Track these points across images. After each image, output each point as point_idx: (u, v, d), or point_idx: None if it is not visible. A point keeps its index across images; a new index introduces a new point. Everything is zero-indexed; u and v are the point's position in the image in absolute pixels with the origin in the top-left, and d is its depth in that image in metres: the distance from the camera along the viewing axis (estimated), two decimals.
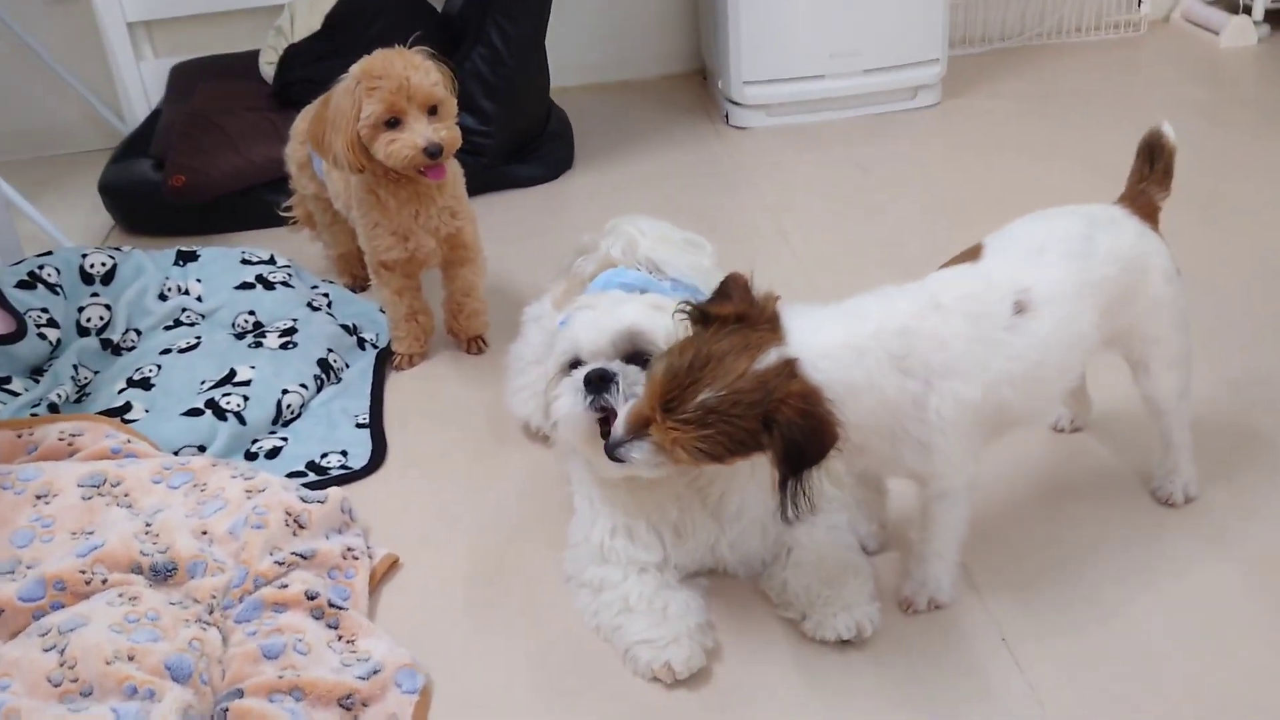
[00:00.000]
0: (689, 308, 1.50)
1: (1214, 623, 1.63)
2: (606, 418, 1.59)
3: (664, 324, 1.61)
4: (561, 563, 1.82)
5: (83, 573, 1.71)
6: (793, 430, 1.37)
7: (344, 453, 2.16)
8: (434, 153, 2.12)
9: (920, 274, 1.58)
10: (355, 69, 2.16)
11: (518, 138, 3.26)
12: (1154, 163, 1.75)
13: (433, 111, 2.16)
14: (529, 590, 1.82)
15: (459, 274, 2.43)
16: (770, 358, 1.40)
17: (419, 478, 2.12)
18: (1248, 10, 3.90)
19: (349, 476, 2.10)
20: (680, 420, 1.40)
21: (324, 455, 2.15)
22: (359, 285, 2.78)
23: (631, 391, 1.58)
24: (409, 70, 2.12)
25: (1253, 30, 3.87)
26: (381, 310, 2.60)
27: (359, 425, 2.25)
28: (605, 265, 2.10)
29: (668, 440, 1.43)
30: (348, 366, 2.44)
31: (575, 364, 1.65)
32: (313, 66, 3.38)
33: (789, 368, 1.40)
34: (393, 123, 2.13)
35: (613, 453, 1.49)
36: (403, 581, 1.87)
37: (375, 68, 2.13)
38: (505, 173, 3.24)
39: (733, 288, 1.49)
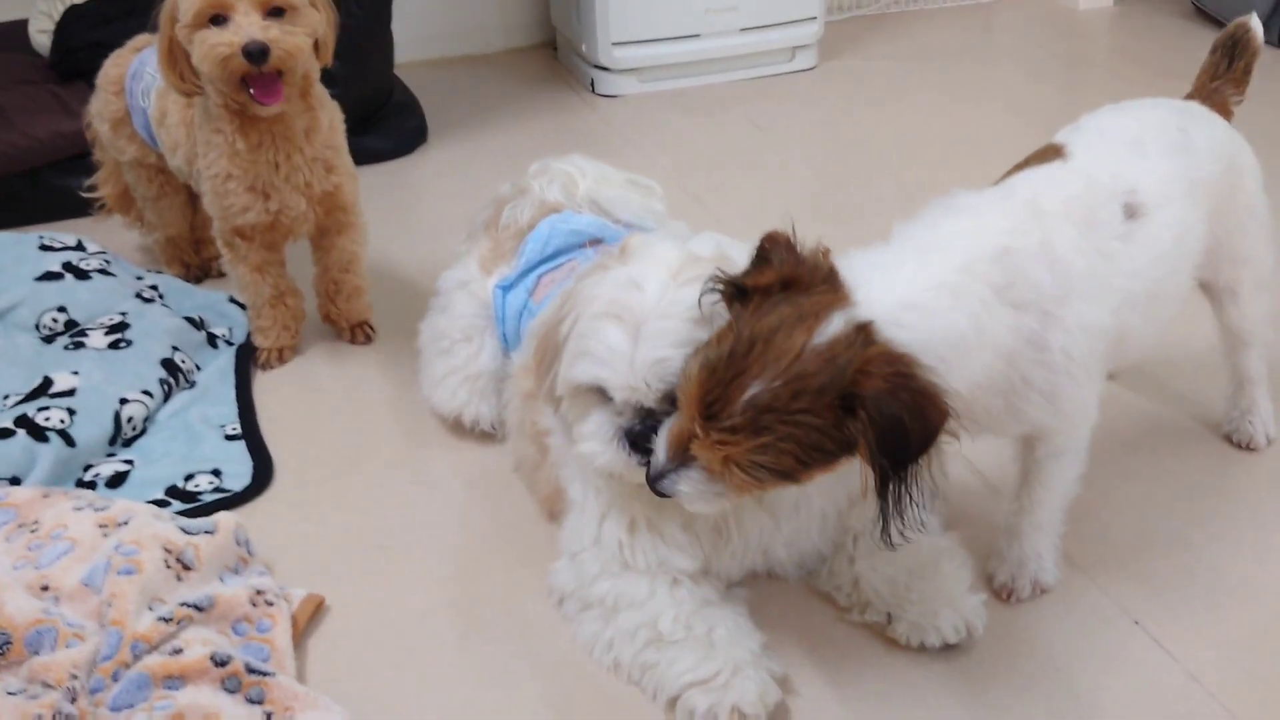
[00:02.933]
0: (720, 283, 1.12)
1: None
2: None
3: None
4: (541, 580, 1.40)
5: None
6: (885, 406, 1.00)
7: (216, 472, 1.65)
8: (255, 53, 1.62)
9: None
10: None
11: (364, 105, 2.78)
12: (1233, 60, 1.47)
13: (277, 14, 1.67)
14: (510, 622, 1.38)
15: (336, 244, 1.95)
16: (834, 325, 1.03)
17: (322, 496, 1.63)
18: None
19: (229, 501, 1.59)
20: (725, 430, 1.03)
21: (189, 477, 1.63)
22: (193, 275, 2.24)
23: None
24: None
25: None
26: (231, 300, 2.09)
27: (229, 437, 1.73)
28: (544, 211, 1.69)
29: (716, 460, 1.05)
30: (199, 368, 1.91)
31: (600, 391, 1.22)
32: (101, 29, 2.80)
33: (863, 334, 1.04)
34: (218, 21, 1.65)
35: (656, 486, 1.11)
36: (334, 628, 1.38)
37: None
38: (354, 146, 2.73)
39: (773, 248, 1.11)
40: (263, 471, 1.66)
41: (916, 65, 3.38)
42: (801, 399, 1.02)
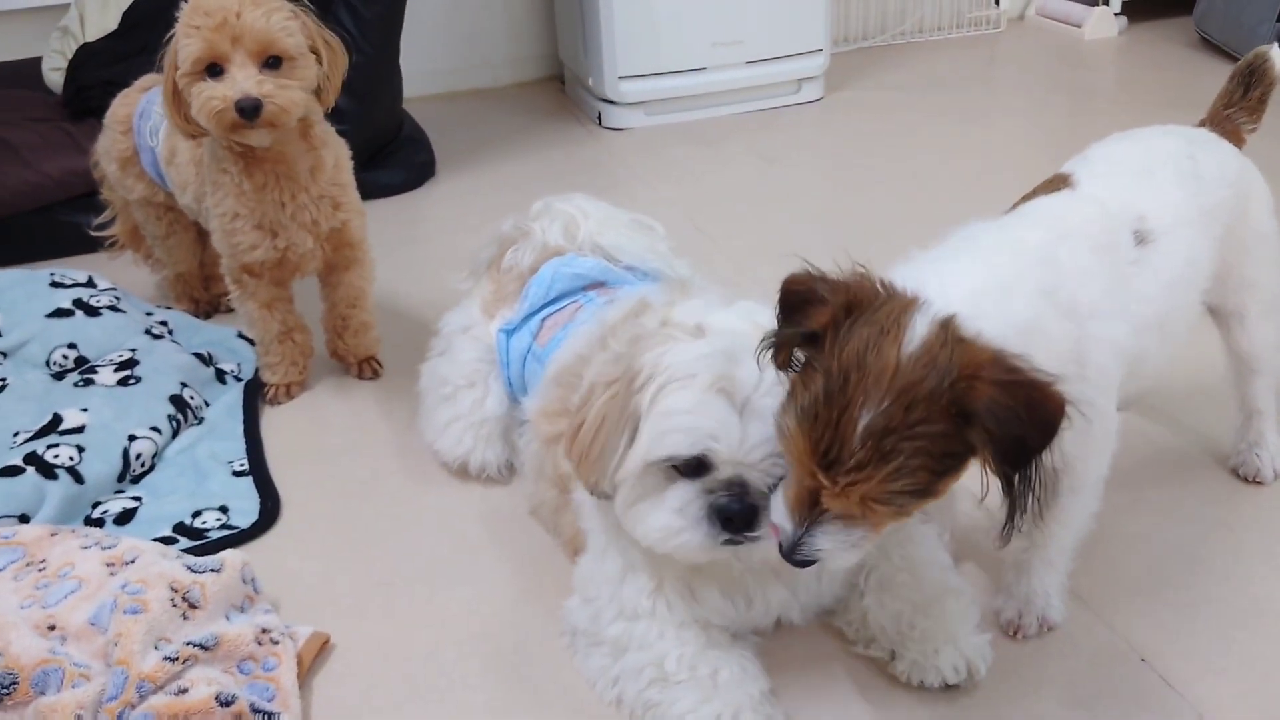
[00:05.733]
0: (774, 339, 1.08)
1: None
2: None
3: None
4: (548, 617, 1.40)
5: None
6: (1001, 414, 0.96)
7: (223, 508, 1.66)
8: (247, 109, 1.63)
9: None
10: (186, 5, 1.68)
11: (374, 140, 2.81)
12: (1249, 89, 1.48)
13: (274, 65, 1.68)
14: (517, 660, 1.37)
15: (343, 280, 1.96)
16: (919, 327, 1.00)
17: (327, 533, 1.63)
18: (1105, 1, 3.85)
19: (236, 538, 1.60)
20: (852, 469, 0.98)
21: (197, 514, 1.64)
22: (202, 311, 2.26)
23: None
24: (242, 6, 1.64)
25: (1113, 22, 3.82)
26: (240, 335, 2.10)
27: (237, 473, 1.74)
28: (546, 255, 1.69)
29: (854, 504, 1.01)
30: (208, 404, 1.92)
31: (699, 464, 1.17)
32: (114, 68, 2.83)
33: (950, 330, 1.00)
34: (215, 71, 1.66)
35: (793, 557, 1.06)
36: (339, 667, 1.38)
37: (205, 2, 1.65)
38: (364, 180, 2.75)
39: (801, 289, 1.07)
40: (270, 507, 1.66)
41: (922, 96, 3.39)
42: (915, 410, 0.97)
